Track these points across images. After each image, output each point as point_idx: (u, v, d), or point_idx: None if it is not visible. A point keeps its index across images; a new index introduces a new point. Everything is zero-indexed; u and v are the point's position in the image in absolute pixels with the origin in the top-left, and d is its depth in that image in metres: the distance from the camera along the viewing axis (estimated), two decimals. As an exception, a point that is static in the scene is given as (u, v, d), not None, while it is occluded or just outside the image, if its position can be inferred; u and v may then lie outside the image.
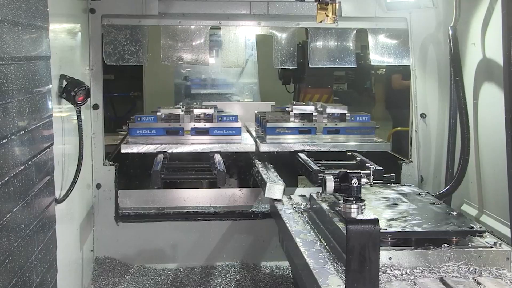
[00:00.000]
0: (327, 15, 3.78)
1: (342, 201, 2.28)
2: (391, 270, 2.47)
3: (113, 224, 4.67)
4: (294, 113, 4.44)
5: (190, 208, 4.73)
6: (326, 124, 4.35)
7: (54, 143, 3.06)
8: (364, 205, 2.29)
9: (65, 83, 3.48)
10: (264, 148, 4.19)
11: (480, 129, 4.06)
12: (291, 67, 5.00)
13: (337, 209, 2.32)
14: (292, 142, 4.26)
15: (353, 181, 2.28)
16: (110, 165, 4.66)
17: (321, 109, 4.48)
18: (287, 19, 4.80)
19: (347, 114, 4.41)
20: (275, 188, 3.58)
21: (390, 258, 2.51)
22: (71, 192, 3.50)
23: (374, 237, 2.20)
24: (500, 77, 3.68)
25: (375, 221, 2.21)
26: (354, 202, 2.27)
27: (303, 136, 4.35)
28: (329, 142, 4.28)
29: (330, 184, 2.35)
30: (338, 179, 2.33)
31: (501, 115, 3.62)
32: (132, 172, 4.77)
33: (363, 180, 2.30)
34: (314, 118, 4.41)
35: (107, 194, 4.64)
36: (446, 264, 2.52)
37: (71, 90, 3.46)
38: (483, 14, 3.93)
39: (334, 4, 3.75)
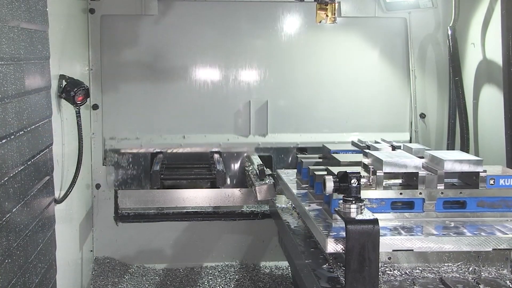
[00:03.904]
0: (326, 15, 3.78)
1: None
2: (391, 270, 2.47)
3: (113, 224, 4.67)
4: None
5: (190, 208, 4.73)
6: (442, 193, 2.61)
7: (54, 143, 3.06)
8: (364, 205, 2.29)
9: (64, 83, 3.48)
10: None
11: (480, 129, 4.06)
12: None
13: (336, 209, 2.32)
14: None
15: (352, 181, 2.28)
16: (110, 165, 4.66)
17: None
18: None
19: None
20: (264, 189, 3.56)
21: (389, 258, 2.51)
22: (70, 192, 3.50)
23: (373, 237, 2.20)
24: (499, 77, 3.69)
25: (375, 221, 2.21)
26: (353, 202, 2.27)
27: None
28: None
29: (330, 184, 2.34)
30: (337, 179, 2.33)
31: (500, 114, 3.64)
32: (132, 172, 4.76)
33: (363, 180, 2.30)
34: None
35: (106, 194, 4.64)
36: (446, 264, 2.52)
37: (71, 90, 3.46)
38: (482, 14, 3.93)
39: (333, 4, 3.75)
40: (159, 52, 4.62)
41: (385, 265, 2.49)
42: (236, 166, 4.78)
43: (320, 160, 3.36)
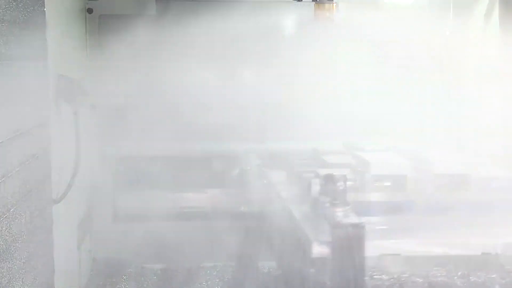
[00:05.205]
0: (324, 15, 3.78)
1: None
2: (378, 275, 2.46)
3: (111, 224, 4.68)
4: None
5: (189, 208, 4.73)
6: None
7: (51, 143, 3.07)
8: (350, 208, 2.28)
9: (62, 83, 3.48)
10: None
11: (475, 130, 4.03)
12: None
13: (322, 212, 2.31)
14: None
15: (338, 184, 2.27)
16: (108, 165, 4.68)
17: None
18: None
19: None
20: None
21: (377, 262, 2.49)
22: (68, 192, 3.50)
23: (360, 241, 2.19)
24: (497, 77, 3.67)
25: (361, 225, 2.20)
26: (339, 205, 2.26)
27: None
28: None
29: (315, 186, 2.34)
30: (323, 181, 2.32)
31: (499, 115, 3.62)
32: (131, 172, 4.77)
33: (349, 183, 2.29)
34: None
35: (105, 194, 4.64)
36: (435, 269, 2.50)
37: (68, 90, 3.47)
38: (480, 14, 3.91)
39: (331, 4, 3.75)
40: (157, 52, 4.62)
41: (372, 270, 2.48)
42: (234, 168, 4.77)
43: (308, 161, 3.34)
